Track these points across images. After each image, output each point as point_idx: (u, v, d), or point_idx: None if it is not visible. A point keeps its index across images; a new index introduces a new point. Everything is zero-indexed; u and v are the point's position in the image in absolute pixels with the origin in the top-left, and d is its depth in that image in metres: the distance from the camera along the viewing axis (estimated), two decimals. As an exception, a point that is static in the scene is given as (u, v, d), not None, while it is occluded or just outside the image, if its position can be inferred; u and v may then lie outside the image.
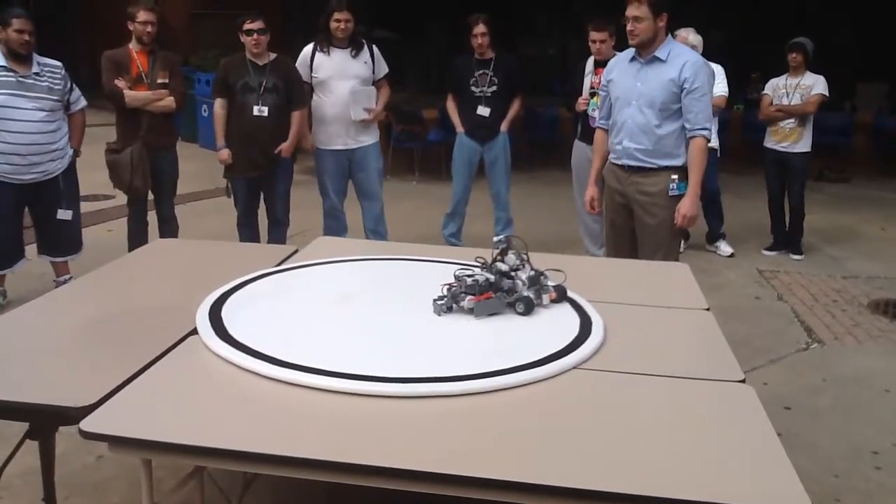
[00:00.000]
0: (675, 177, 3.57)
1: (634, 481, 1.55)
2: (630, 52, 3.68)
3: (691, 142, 3.55)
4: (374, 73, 5.13)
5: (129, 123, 4.74)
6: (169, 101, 4.77)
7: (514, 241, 2.57)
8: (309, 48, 5.08)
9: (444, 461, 1.61)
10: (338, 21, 4.93)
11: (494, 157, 5.69)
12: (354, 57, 5.04)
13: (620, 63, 3.74)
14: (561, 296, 2.51)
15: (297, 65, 5.07)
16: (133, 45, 4.75)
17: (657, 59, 3.55)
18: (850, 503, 2.83)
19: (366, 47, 5.10)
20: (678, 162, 3.59)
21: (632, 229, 3.75)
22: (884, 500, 2.88)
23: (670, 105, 3.53)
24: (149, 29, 4.69)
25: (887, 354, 4.26)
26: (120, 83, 4.64)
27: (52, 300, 2.62)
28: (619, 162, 3.72)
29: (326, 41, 5.02)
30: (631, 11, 3.47)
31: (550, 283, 2.50)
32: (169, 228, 5.02)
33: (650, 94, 3.55)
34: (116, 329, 2.30)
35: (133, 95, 4.67)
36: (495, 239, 2.58)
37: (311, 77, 5.05)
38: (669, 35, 3.60)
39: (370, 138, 5.20)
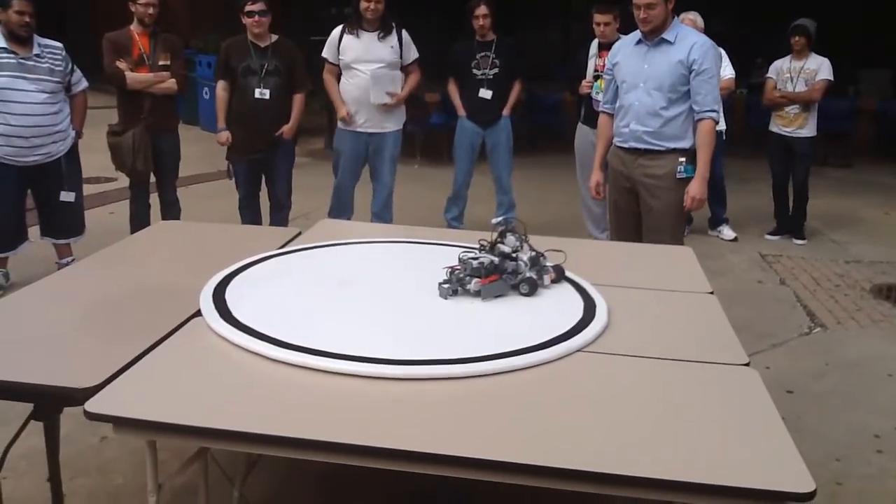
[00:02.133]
0: (682, 159, 3.55)
1: (639, 464, 1.55)
2: (635, 35, 3.65)
3: (699, 124, 3.53)
4: (401, 58, 5.06)
5: (130, 106, 4.73)
6: (171, 84, 4.75)
7: (512, 223, 2.57)
8: (338, 29, 5.04)
9: (448, 443, 1.61)
10: (368, 2, 4.87)
11: (496, 142, 5.67)
12: (381, 40, 4.97)
13: (626, 46, 3.71)
14: (559, 275, 2.52)
15: (326, 45, 5.04)
16: (134, 27, 4.73)
17: (665, 41, 3.52)
18: (851, 487, 2.84)
19: (395, 31, 5.02)
20: (685, 144, 3.57)
21: (636, 213, 3.74)
22: (885, 483, 2.89)
23: (678, 87, 3.51)
24: (150, 11, 4.66)
25: (889, 339, 4.27)
26: (121, 65, 4.62)
27: (55, 282, 2.61)
28: (626, 145, 3.69)
29: (356, 23, 4.96)
30: None
31: (549, 264, 2.51)
32: (171, 211, 5.01)
33: (658, 76, 3.53)
34: (120, 311, 2.30)
35: (134, 77, 4.65)
36: (493, 221, 2.57)
37: (339, 59, 5.01)
38: (675, 17, 3.58)
39: (392, 125, 5.14)
